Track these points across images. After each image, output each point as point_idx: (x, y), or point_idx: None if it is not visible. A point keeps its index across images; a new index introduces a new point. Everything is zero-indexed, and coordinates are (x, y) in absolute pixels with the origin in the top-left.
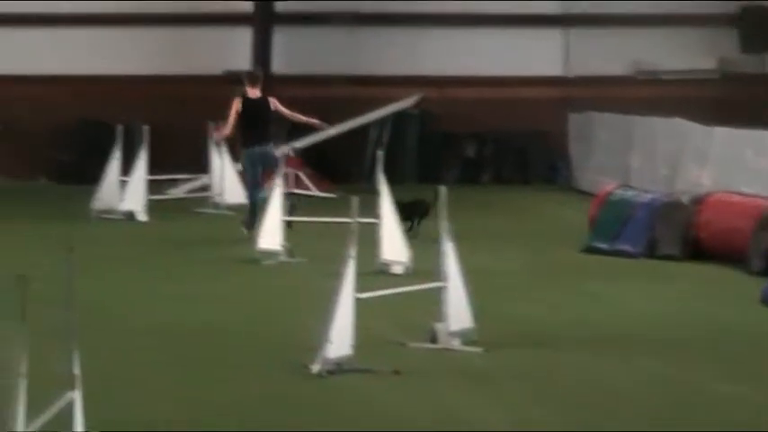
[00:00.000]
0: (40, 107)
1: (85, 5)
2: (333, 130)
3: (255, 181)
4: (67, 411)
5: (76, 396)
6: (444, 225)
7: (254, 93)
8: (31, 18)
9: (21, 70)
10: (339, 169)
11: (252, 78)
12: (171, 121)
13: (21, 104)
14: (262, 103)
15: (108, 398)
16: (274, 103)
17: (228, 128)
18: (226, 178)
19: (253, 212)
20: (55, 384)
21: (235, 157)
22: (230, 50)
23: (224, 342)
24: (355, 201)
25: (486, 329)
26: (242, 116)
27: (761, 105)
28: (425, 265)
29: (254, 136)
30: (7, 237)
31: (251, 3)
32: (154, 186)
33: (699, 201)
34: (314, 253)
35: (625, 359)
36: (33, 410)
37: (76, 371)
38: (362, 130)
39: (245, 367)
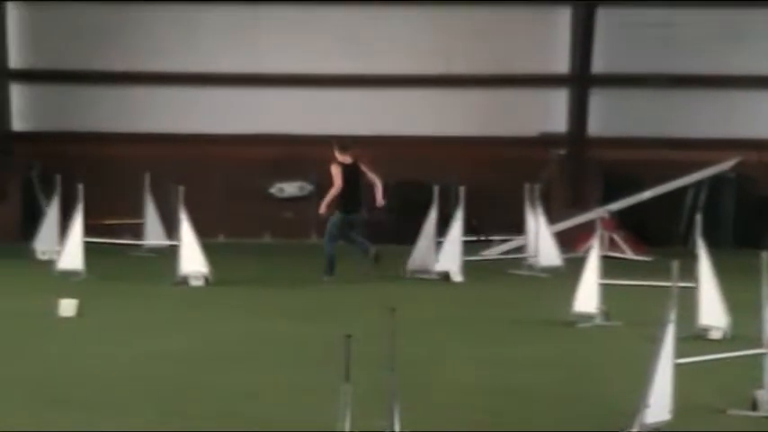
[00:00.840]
0: None
1: (402, 67)
2: (648, 193)
3: (335, 236)
4: None
5: None
6: (765, 291)
7: (345, 159)
8: (347, 79)
9: (335, 130)
10: (654, 232)
11: (343, 146)
12: (486, 181)
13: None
14: (355, 168)
15: None
16: (363, 167)
17: (336, 190)
18: (541, 240)
19: (331, 262)
20: None
21: (551, 218)
22: (546, 112)
23: (540, 405)
24: (675, 265)
25: None
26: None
27: None
28: (744, 331)
29: (351, 202)
30: (329, 296)
31: (567, 64)
32: (469, 247)
33: None
34: (629, 316)
35: None
36: None
37: (397, 429)
38: (678, 194)
39: (562, 429)
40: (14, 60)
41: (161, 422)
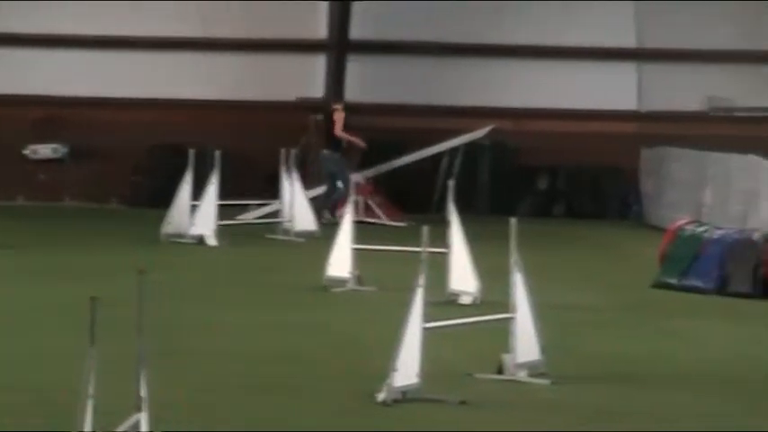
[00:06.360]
0: (114, 131)
1: (161, 30)
2: (405, 159)
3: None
4: None
5: (143, 418)
6: (514, 257)
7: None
8: (109, 41)
9: (98, 93)
10: (410, 198)
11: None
12: (243, 146)
13: (95, 128)
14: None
15: (175, 422)
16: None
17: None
18: (296, 205)
19: None
20: (123, 407)
21: (306, 184)
22: (304, 78)
23: (292, 369)
24: (426, 230)
25: (555, 363)
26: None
27: None
28: (494, 297)
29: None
30: (79, 259)
31: (326, 30)
32: (225, 211)
33: None
34: (383, 281)
35: (696, 398)
36: None
37: (143, 393)
38: (434, 160)
39: (312, 395)
40: None
41: None
